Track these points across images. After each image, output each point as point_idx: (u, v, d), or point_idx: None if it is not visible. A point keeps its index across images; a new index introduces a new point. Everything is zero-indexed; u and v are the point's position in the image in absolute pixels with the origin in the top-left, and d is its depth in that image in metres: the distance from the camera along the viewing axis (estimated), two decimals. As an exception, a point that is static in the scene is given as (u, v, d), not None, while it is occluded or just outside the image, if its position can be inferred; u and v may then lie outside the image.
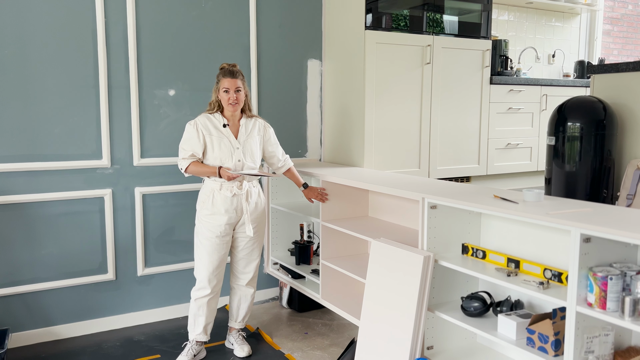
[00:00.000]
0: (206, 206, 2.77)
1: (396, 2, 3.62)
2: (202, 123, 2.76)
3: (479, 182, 4.13)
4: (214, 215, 2.76)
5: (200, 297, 2.82)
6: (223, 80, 2.74)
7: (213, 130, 2.76)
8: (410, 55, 3.63)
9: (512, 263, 2.23)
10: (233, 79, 2.72)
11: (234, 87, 2.73)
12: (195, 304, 2.83)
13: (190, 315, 2.86)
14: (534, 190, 2.21)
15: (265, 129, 2.93)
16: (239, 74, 2.76)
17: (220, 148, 2.74)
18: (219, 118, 2.79)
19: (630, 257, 1.94)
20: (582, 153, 2.90)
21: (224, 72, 2.75)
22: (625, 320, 1.72)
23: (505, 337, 2.15)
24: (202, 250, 2.79)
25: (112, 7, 3.11)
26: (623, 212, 2.02)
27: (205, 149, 2.76)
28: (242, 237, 2.87)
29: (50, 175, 3.04)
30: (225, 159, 2.74)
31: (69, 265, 3.14)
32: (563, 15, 5.27)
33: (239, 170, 2.75)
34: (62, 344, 3.09)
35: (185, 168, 2.74)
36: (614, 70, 3.05)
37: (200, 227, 2.80)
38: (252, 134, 2.84)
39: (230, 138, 2.77)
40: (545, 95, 4.36)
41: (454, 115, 3.88)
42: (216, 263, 2.80)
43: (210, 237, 2.77)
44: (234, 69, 2.76)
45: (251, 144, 2.83)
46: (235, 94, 2.73)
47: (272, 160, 3.00)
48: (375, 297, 2.56)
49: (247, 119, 2.86)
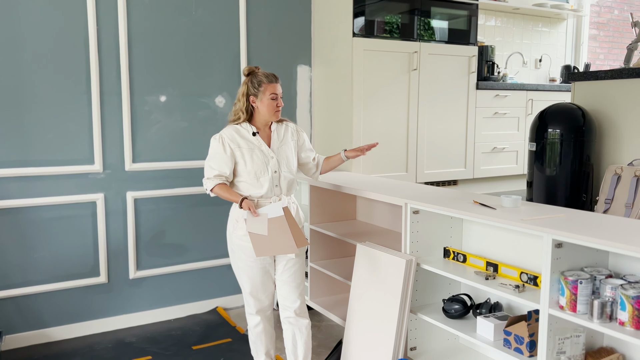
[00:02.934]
0: (240, 225, 2.43)
1: (384, 8, 3.69)
2: (229, 136, 2.43)
3: (465, 185, 4.21)
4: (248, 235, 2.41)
5: (253, 326, 2.60)
6: (269, 86, 2.41)
7: (242, 142, 2.42)
8: (397, 61, 3.71)
9: (491, 267, 2.30)
10: (278, 83, 2.45)
11: (280, 92, 2.45)
12: (252, 333, 2.62)
13: (251, 342, 2.67)
14: (511, 197, 2.28)
15: (298, 133, 2.62)
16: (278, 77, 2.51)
17: (253, 160, 2.40)
18: (247, 127, 2.46)
19: (601, 261, 2.02)
20: (561, 158, 2.99)
21: (266, 77, 2.43)
22: (594, 323, 1.80)
23: (484, 338, 2.23)
24: (243, 275, 2.50)
25: (104, 14, 3.17)
26: (595, 218, 2.10)
27: (236, 164, 2.42)
28: (281, 259, 2.51)
29: (43, 181, 3.09)
30: (260, 171, 2.40)
31: (61, 268, 3.20)
32: (550, 20, 5.36)
33: (276, 184, 2.44)
34: (54, 346, 3.15)
35: (210, 189, 2.42)
36: (594, 78, 3.13)
37: (236, 250, 2.49)
38: (286, 140, 2.53)
39: (262, 147, 2.44)
40: (531, 100, 4.45)
41: (440, 120, 3.96)
42: (261, 285, 2.50)
43: (247, 260, 2.46)
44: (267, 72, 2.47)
45: (286, 151, 2.50)
46: (280, 100, 2.46)
47: (307, 166, 2.68)
48: (361, 299, 2.64)
49: (277, 123, 2.53)
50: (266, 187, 2.41)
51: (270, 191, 2.42)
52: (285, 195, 2.47)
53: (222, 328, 3.38)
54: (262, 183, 2.41)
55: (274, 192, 2.44)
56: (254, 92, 2.42)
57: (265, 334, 2.61)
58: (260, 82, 2.41)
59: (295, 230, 2.37)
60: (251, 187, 2.41)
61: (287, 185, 2.48)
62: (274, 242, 2.33)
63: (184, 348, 3.12)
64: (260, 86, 2.41)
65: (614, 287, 1.80)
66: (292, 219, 2.38)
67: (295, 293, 2.55)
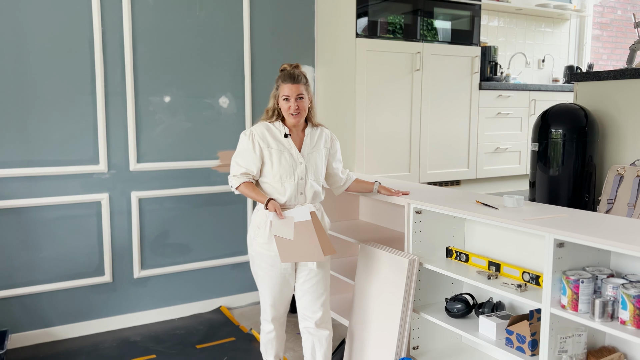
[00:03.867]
0: (262, 233, 2.32)
1: (387, 9, 3.71)
2: (260, 133, 2.31)
3: (468, 185, 4.22)
4: (271, 243, 2.30)
5: (267, 332, 2.52)
6: (282, 87, 2.29)
7: (272, 141, 2.30)
8: (400, 62, 3.72)
9: (493, 266, 2.32)
10: (294, 84, 2.27)
11: (296, 94, 2.27)
12: (263, 337, 2.55)
13: (262, 344, 2.60)
14: (514, 196, 2.30)
15: (332, 141, 2.47)
16: (301, 77, 2.31)
17: (281, 163, 2.28)
18: (280, 127, 2.34)
19: (603, 261, 2.03)
20: (564, 158, 3.00)
21: (283, 76, 2.30)
22: (595, 322, 1.81)
23: (486, 337, 2.24)
24: (262, 283, 2.40)
25: (109, 15, 3.19)
26: (597, 218, 2.11)
27: (263, 163, 2.31)
28: (302, 268, 2.40)
29: (49, 180, 3.12)
30: (286, 176, 2.29)
31: (66, 267, 3.22)
32: (553, 20, 5.37)
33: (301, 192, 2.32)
34: (59, 345, 3.18)
35: (236, 187, 2.33)
36: (596, 78, 3.14)
37: (256, 257, 2.38)
38: (318, 147, 2.39)
39: (292, 150, 2.32)
40: (534, 100, 4.45)
41: (443, 120, 3.97)
42: (279, 295, 2.40)
43: (267, 268, 2.35)
44: (296, 71, 2.32)
45: (316, 158, 2.37)
46: (296, 102, 2.28)
47: (334, 178, 2.53)
48: (364, 298, 2.65)
49: (312, 128, 2.40)
50: (289, 192, 2.29)
51: (293, 198, 2.30)
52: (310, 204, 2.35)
53: (225, 327, 3.40)
54: (286, 188, 2.29)
55: (297, 200, 2.31)
56: (274, 92, 2.34)
57: (277, 339, 2.54)
58: (277, 80, 2.33)
59: (322, 236, 2.26)
60: (274, 191, 2.30)
61: (312, 195, 2.35)
62: (300, 248, 2.22)
63: (188, 347, 3.14)
64: (277, 86, 2.33)
65: (615, 287, 1.81)
66: (319, 224, 2.29)
67: (317, 304, 2.42)
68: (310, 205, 2.30)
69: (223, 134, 3.56)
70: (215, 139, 3.55)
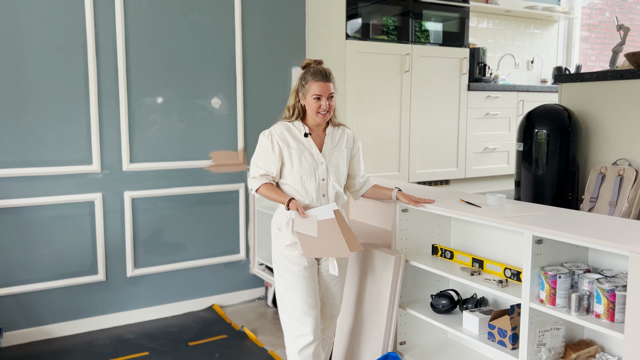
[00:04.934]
0: (284, 234, 2.22)
1: (378, 11, 3.77)
2: (279, 133, 2.23)
3: (457, 185, 4.29)
4: (295, 244, 2.20)
5: (304, 346, 2.21)
6: (313, 85, 2.17)
7: (292, 141, 2.22)
8: (389, 63, 3.79)
9: (477, 263, 2.38)
10: (326, 82, 2.17)
11: (328, 93, 2.17)
12: (300, 357, 2.23)
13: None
14: (496, 195, 2.36)
15: (354, 142, 2.37)
16: (331, 75, 2.20)
17: (301, 163, 2.19)
18: (299, 126, 2.25)
19: (581, 257, 2.10)
20: (548, 158, 3.07)
21: (314, 74, 2.18)
22: (571, 315, 1.88)
23: (470, 332, 2.31)
24: (291, 289, 2.22)
25: (102, 17, 3.24)
26: (574, 215, 2.18)
27: (283, 164, 2.23)
28: (325, 275, 2.31)
29: (43, 181, 3.17)
30: (307, 177, 2.20)
31: (60, 266, 3.27)
32: (541, 22, 5.45)
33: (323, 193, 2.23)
34: (54, 343, 3.22)
35: (256, 189, 2.23)
36: (580, 80, 3.21)
37: (282, 261, 2.24)
38: (340, 147, 2.30)
39: (313, 150, 2.23)
40: (522, 100, 4.53)
41: (432, 120, 4.04)
42: (312, 299, 2.22)
43: (295, 271, 2.20)
44: (327, 69, 2.20)
45: (337, 159, 2.27)
46: (328, 102, 2.18)
47: (353, 181, 2.42)
48: (352, 295, 2.71)
49: (333, 127, 2.31)
50: (310, 194, 2.20)
51: (316, 200, 2.21)
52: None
53: (218, 325, 3.45)
54: (307, 189, 2.20)
55: (320, 203, 2.21)
56: (302, 89, 2.22)
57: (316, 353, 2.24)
58: (304, 77, 2.21)
59: (348, 233, 2.18)
60: (295, 193, 2.21)
61: (334, 196, 2.25)
62: (325, 244, 2.14)
63: (181, 344, 3.19)
64: (306, 83, 2.20)
65: (590, 281, 1.88)
66: (343, 221, 2.20)
67: (335, 310, 2.38)
68: (333, 204, 2.21)
69: (215, 134, 3.62)
70: (208, 139, 3.60)
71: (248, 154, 3.71)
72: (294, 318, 2.22)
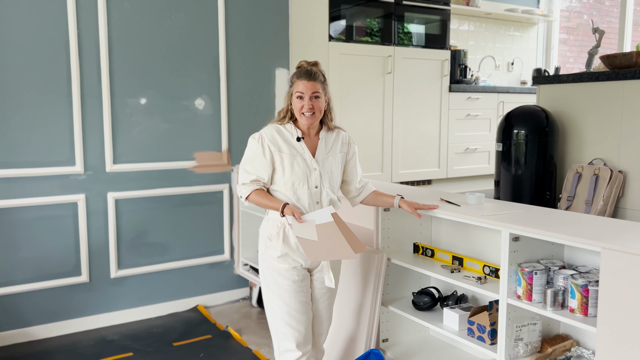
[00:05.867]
0: (275, 245, 2.09)
1: (362, 13, 3.82)
2: (270, 137, 2.10)
3: (439, 184, 4.35)
4: (286, 256, 2.08)
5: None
6: (297, 83, 2.08)
7: (284, 145, 2.10)
8: (372, 65, 3.84)
9: (457, 260, 2.44)
10: (310, 81, 2.07)
11: (311, 91, 2.06)
12: None
13: None
14: (475, 194, 2.42)
15: (349, 145, 2.26)
16: (318, 74, 2.10)
17: (293, 169, 2.08)
18: (292, 130, 2.13)
19: (557, 254, 2.16)
20: (526, 158, 3.14)
21: (299, 73, 2.10)
22: (547, 310, 1.94)
23: (450, 328, 2.36)
24: (278, 302, 2.11)
25: (85, 18, 3.24)
26: (550, 213, 2.25)
27: (274, 170, 2.10)
28: (318, 287, 2.21)
29: (25, 182, 3.15)
30: (299, 183, 2.08)
31: (43, 268, 3.26)
32: (521, 25, 5.55)
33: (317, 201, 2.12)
34: (37, 345, 3.21)
35: (246, 196, 2.09)
36: (557, 82, 3.29)
37: (271, 273, 2.12)
38: (334, 151, 2.19)
39: (306, 155, 2.11)
40: (502, 102, 4.61)
41: (415, 121, 4.09)
42: (300, 314, 2.11)
43: (285, 285, 2.09)
44: (313, 68, 2.11)
45: (331, 164, 2.16)
46: (311, 102, 2.07)
47: (349, 187, 2.30)
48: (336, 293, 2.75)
49: (327, 131, 2.20)
50: (303, 201, 2.09)
51: (309, 208, 2.10)
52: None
53: (202, 325, 3.46)
54: (299, 196, 2.08)
55: (313, 211, 2.10)
56: (288, 90, 2.13)
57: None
58: (292, 77, 2.12)
59: (349, 235, 2.10)
60: (287, 200, 2.08)
61: (328, 204, 2.14)
62: (328, 248, 2.04)
63: (165, 345, 3.20)
64: (291, 84, 2.12)
65: (565, 277, 1.94)
66: (343, 223, 2.12)
67: (326, 323, 2.29)
68: (330, 207, 2.11)
69: (199, 135, 3.63)
70: (192, 140, 3.61)
71: (232, 155, 3.73)
72: (279, 332, 2.14)
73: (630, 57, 3.06)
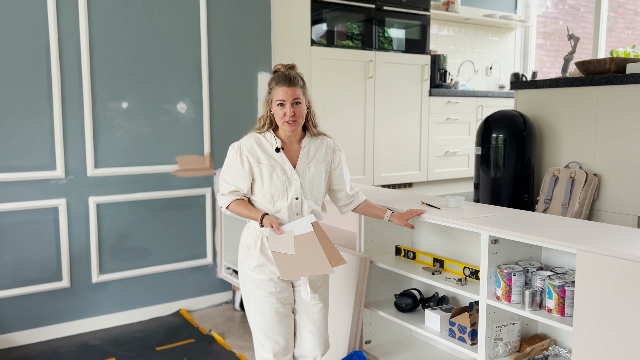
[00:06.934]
0: (252, 254, 2.04)
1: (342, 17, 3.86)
2: (249, 147, 2.03)
3: (420, 187, 4.41)
4: (263, 266, 2.03)
5: None
6: (276, 90, 1.99)
7: (262, 156, 2.03)
8: (354, 69, 3.88)
9: (438, 262, 2.48)
10: (290, 87, 1.98)
11: (292, 98, 1.98)
12: None
13: None
14: (455, 197, 2.47)
15: (334, 153, 2.17)
16: (297, 79, 2.02)
17: (272, 181, 2.01)
18: (271, 139, 2.05)
19: (535, 255, 2.22)
20: (505, 161, 3.21)
21: (277, 78, 2.00)
22: (525, 311, 1.99)
23: (431, 329, 2.40)
24: (255, 312, 2.07)
25: (65, 21, 3.22)
26: (529, 216, 2.31)
27: (253, 180, 2.04)
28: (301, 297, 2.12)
29: (5, 186, 3.12)
30: (278, 195, 2.01)
31: (24, 273, 3.22)
32: (499, 30, 5.65)
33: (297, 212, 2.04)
34: (18, 351, 3.17)
35: (226, 206, 2.06)
36: (534, 87, 3.37)
37: (249, 283, 2.07)
38: (317, 160, 2.10)
39: (285, 166, 2.03)
40: (481, 106, 4.69)
41: (396, 125, 4.15)
42: (278, 325, 2.06)
43: (261, 296, 2.04)
44: (292, 72, 2.03)
45: (313, 174, 2.08)
46: (292, 108, 1.99)
47: (337, 195, 2.22)
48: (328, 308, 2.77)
49: (310, 138, 2.11)
50: (282, 214, 2.02)
51: (289, 220, 2.03)
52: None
53: (185, 329, 3.46)
54: (279, 208, 2.02)
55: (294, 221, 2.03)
56: (267, 96, 2.04)
57: None
58: (270, 83, 2.04)
59: (329, 247, 2.01)
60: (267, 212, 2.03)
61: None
62: (303, 262, 1.97)
63: (148, 349, 3.19)
64: (271, 90, 2.03)
65: (543, 278, 2.00)
66: (323, 234, 2.02)
67: (318, 343, 2.15)
68: (311, 216, 2.02)
69: (181, 139, 3.63)
70: (174, 144, 3.61)
71: (214, 159, 3.74)
72: (258, 341, 2.10)
73: (604, 63, 3.16)
